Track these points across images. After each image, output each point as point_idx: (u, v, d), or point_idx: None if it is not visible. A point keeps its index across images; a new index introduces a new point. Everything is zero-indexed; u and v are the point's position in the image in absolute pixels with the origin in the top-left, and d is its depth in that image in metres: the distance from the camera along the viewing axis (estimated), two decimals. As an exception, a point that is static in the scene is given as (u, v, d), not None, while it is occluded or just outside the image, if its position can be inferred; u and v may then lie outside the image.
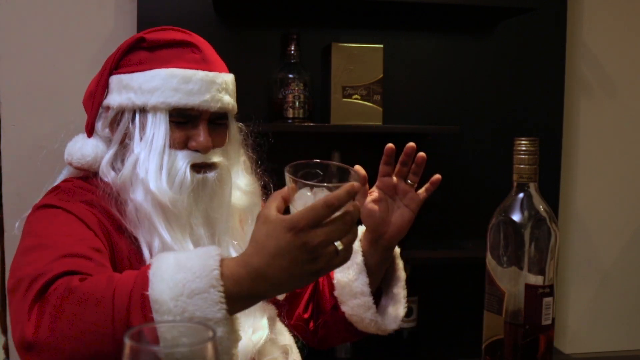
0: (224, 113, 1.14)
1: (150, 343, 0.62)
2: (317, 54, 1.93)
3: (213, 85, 1.09)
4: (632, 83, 2.15)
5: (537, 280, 0.90)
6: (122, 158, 1.10)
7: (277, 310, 1.19)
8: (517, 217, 0.91)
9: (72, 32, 1.84)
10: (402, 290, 1.16)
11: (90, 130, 1.15)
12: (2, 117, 1.83)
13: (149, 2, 1.82)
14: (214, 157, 1.11)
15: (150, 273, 0.81)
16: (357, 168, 1.04)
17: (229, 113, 1.15)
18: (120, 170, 1.08)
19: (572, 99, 2.11)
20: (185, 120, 1.09)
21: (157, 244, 1.03)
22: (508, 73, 2.05)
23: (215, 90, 1.09)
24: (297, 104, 1.83)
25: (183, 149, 1.09)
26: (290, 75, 1.83)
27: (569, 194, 2.14)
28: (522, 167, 0.92)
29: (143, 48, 1.12)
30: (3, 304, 2.05)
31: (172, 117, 1.08)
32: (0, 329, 2.12)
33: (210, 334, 0.54)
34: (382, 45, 1.85)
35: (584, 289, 2.17)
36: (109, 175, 1.09)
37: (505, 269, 0.91)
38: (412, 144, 1.09)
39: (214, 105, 1.09)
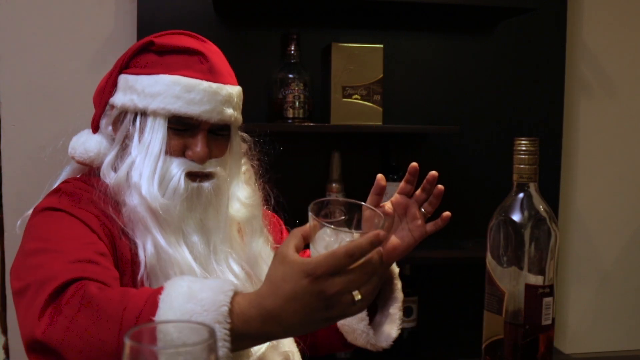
0: (226, 125, 1.13)
1: (150, 343, 0.62)
2: (317, 54, 1.93)
3: (216, 97, 1.08)
4: (632, 83, 2.15)
5: (537, 280, 0.90)
6: (121, 159, 1.10)
7: None
8: (517, 217, 0.91)
9: (72, 32, 1.84)
10: (398, 312, 1.13)
11: (96, 127, 1.15)
12: (2, 117, 1.83)
13: (149, 2, 1.82)
14: (211, 167, 1.10)
15: (161, 298, 0.80)
16: (387, 209, 1.03)
17: (231, 125, 1.14)
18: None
19: (572, 99, 2.11)
20: (184, 129, 1.09)
21: (150, 247, 1.03)
22: (508, 73, 2.05)
23: (218, 102, 1.08)
24: (297, 104, 1.83)
25: (179, 157, 1.08)
26: (290, 75, 1.83)
27: (569, 194, 2.14)
28: (522, 167, 0.92)
29: (152, 51, 1.11)
30: (3, 304, 2.05)
31: (171, 123, 1.08)
32: (1, 329, 2.12)
33: (211, 334, 0.54)
34: (382, 45, 1.85)
35: (584, 289, 2.17)
36: (109, 176, 1.09)
37: (505, 269, 0.91)
38: (434, 173, 1.07)
39: (215, 117, 1.08)
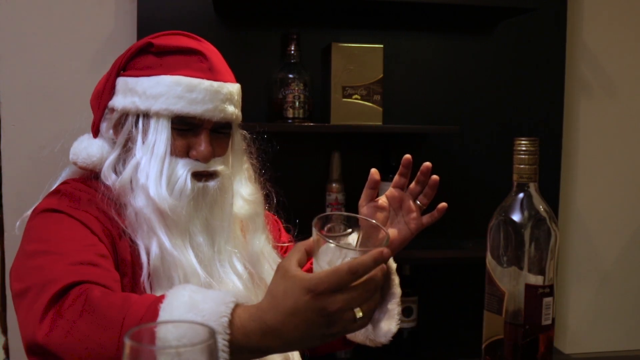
0: (228, 123, 1.13)
1: (150, 343, 0.62)
2: (317, 54, 1.93)
3: (217, 95, 1.09)
4: (632, 83, 2.15)
5: (537, 280, 0.90)
6: (124, 161, 1.10)
7: None
8: (517, 217, 0.91)
9: (72, 32, 1.84)
10: (396, 307, 1.12)
11: (96, 131, 1.15)
12: (2, 117, 1.83)
13: (149, 2, 1.82)
14: (215, 165, 1.11)
15: (162, 307, 0.80)
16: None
17: (233, 123, 1.15)
18: (122, 174, 1.08)
19: (572, 99, 2.11)
20: (187, 128, 1.09)
21: (155, 248, 1.03)
22: (508, 73, 2.05)
23: (219, 101, 1.09)
24: (297, 104, 1.83)
25: (184, 157, 1.09)
26: (290, 75, 1.83)
27: (569, 194, 2.14)
28: (522, 167, 0.92)
29: (151, 52, 1.11)
30: (3, 304, 2.05)
31: (174, 124, 1.08)
32: (1, 329, 2.12)
33: (211, 335, 0.54)
34: (382, 45, 1.85)
35: (584, 289, 2.17)
36: (110, 178, 1.09)
37: (505, 269, 0.91)
38: (428, 164, 1.09)
39: (217, 115, 1.09)
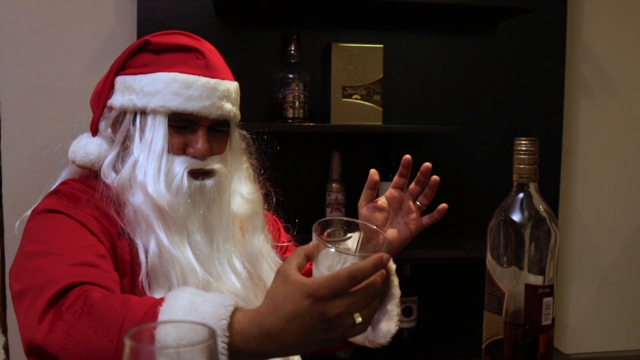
0: (225, 120, 1.13)
1: (150, 343, 0.61)
2: (317, 54, 1.93)
3: (214, 92, 1.09)
4: (632, 83, 2.15)
5: (537, 280, 0.90)
6: (122, 160, 1.10)
7: None
8: (517, 217, 0.91)
9: (72, 32, 1.84)
10: (396, 308, 1.11)
11: (95, 130, 1.15)
12: (2, 117, 1.83)
13: (149, 2, 1.82)
14: (212, 164, 1.11)
15: (161, 310, 0.80)
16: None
17: (231, 121, 1.15)
18: (121, 172, 1.08)
19: (572, 99, 2.11)
20: (184, 125, 1.09)
21: (153, 246, 1.03)
22: (508, 73, 2.05)
23: (216, 98, 1.09)
24: (297, 104, 1.83)
25: (181, 155, 1.08)
26: (290, 75, 1.83)
27: (569, 194, 2.13)
28: (522, 167, 0.92)
29: (148, 51, 1.12)
30: (3, 304, 2.05)
31: (171, 121, 1.08)
32: (1, 329, 2.12)
33: (211, 335, 0.54)
34: (382, 45, 1.85)
35: (584, 289, 2.17)
36: (110, 177, 1.09)
37: (505, 269, 0.91)
38: (428, 164, 1.09)
39: (214, 112, 1.09)
